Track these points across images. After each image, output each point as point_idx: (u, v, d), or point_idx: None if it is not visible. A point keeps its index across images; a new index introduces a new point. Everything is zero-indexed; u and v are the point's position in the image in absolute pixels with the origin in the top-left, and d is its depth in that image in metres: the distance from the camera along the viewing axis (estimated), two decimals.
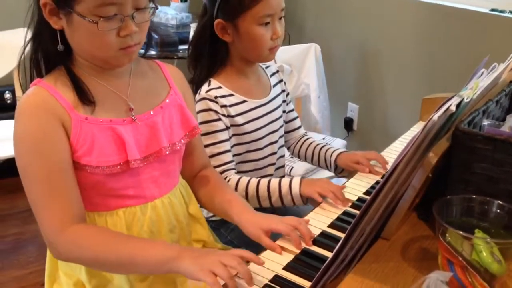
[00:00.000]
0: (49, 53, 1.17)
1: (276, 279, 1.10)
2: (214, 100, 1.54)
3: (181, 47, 2.98)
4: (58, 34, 1.14)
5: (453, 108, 0.98)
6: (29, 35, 1.19)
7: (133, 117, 1.21)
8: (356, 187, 1.52)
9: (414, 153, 0.99)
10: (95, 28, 1.07)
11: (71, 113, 1.13)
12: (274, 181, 1.49)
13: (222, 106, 1.55)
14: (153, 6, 1.16)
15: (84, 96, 1.15)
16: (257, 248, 1.23)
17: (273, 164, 1.70)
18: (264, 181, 1.49)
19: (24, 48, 1.20)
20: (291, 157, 2.41)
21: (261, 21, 1.51)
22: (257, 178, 1.51)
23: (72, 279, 1.27)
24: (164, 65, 1.35)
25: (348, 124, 3.37)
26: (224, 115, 1.55)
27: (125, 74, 1.24)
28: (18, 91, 2.63)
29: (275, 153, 1.70)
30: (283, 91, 1.77)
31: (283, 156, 1.77)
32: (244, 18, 1.51)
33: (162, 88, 1.30)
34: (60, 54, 1.16)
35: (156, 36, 2.84)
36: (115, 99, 1.20)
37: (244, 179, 1.51)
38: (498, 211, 1.01)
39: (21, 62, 1.22)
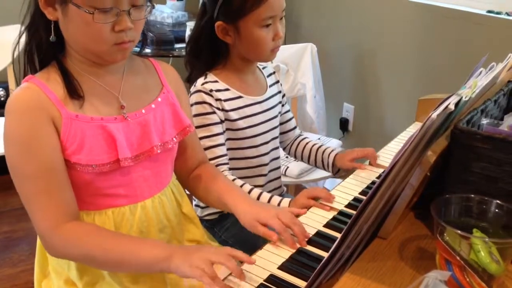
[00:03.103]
0: (42, 45, 1.16)
1: (271, 278, 1.09)
2: (209, 93, 1.53)
3: (177, 45, 2.97)
4: (52, 26, 1.13)
5: (452, 106, 0.97)
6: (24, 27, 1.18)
7: (124, 115, 1.19)
8: (352, 187, 1.51)
9: (412, 152, 0.98)
10: (91, 19, 1.06)
11: (61, 110, 1.12)
12: (265, 196, 1.47)
13: (217, 100, 1.54)
14: (150, 5, 1.15)
15: (73, 90, 1.14)
16: (252, 247, 1.23)
17: (266, 164, 1.69)
18: (255, 192, 1.47)
19: (19, 39, 1.19)
20: (286, 157, 2.40)
21: (263, 23, 1.50)
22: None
23: (62, 277, 1.26)
24: (158, 63, 1.34)
25: (344, 124, 3.36)
26: (218, 109, 1.55)
27: (118, 71, 1.23)
28: (12, 88, 2.62)
29: (267, 153, 1.69)
30: (279, 92, 1.76)
31: (277, 158, 1.76)
32: (245, 21, 1.50)
33: (155, 86, 1.29)
34: (53, 47, 1.16)
35: (151, 34, 2.83)
36: (107, 96, 1.19)
37: (238, 182, 1.49)
38: (497, 210, 1.00)
39: (16, 56, 1.21)
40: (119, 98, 1.20)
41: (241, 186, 1.48)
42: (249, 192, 1.47)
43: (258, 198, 1.46)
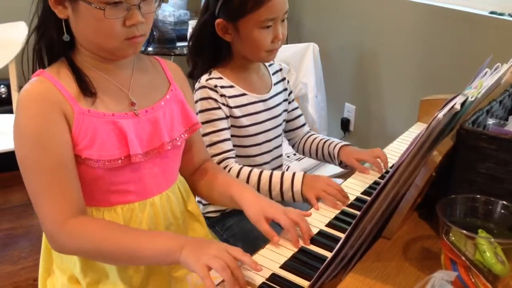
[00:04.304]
0: (53, 44, 1.16)
1: (273, 277, 1.09)
2: (213, 88, 1.53)
3: (179, 44, 2.97)
4: (64, 24, 1.13)
5: (458, 106, 0.97)
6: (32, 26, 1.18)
7: (135, 112, 1.19)
8: (354, 186, 1.51)
9: (418, 152, 0.98)
10: (102, 15, 1.06)
11: (73, 105, 1.12)
12: (276, 175, 1.47)
13: (221, 96, 1.54)
14: None
15: (86, 88, 1.14)
16: (253, 246, 1.22)
17: (268, 162, 1.69)
18: (266, 173, 1.48)
19: (28, 38, 1.19)
20: (288, 156, 2.40)
21: (262, 24, 1.49)
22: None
23: (66, 274, 1.25)
24: (164, 61, 1.35)
25: (345, 124, 3.36)
26: (223, 104, 1.54)
27: (128, 68, 1.23)
28: (14, 85, 2.61)
29: (270, 151, 1.69)
30: (285, 89, 1.76)
31: (280, 156, 1.76)
32: (245, 21, 1.49)
33: (163, 83, 1.30)
34: (63, 45, 1.16)
35: (154, 32, 2.82)
36: (117, 92, 1.19)
37: (246, 169, 1.49)
38: (502, 211, 1.00)
39: (23, 53, 1.20)
40: (129, 95, 1.20)
41: (250, 172, 1.48)
42: (260, 174, 1.47)
43: (270, 178, 1.46)
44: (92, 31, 1.11)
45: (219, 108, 1.53)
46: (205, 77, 1.56)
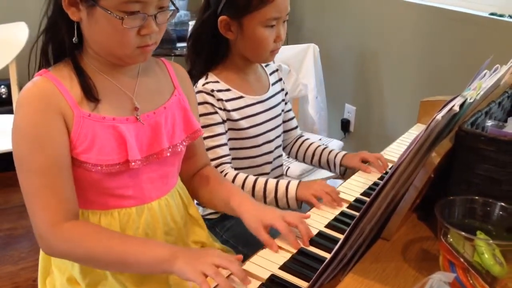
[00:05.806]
0: (62, 45, 1.15)
1: (272, 278, 1.09)
2: (210, 93, 1.53)
3: (179, 44, 2.97)
4: (76, 27, 1.12)
5: (456, 108, 0.97)
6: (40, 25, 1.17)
7: (137, 117, 1.19)
8: (354, 187, 1.51)
9: (416, 153, 0.98)
10: (119, 24, 1.06)
11: (74, 109, 1.11)
12: (272, 182, 1.47)
13: (218, 100, 1.54)
14: (174, 8, 1.15)
15: (89, 92, 1.13)
16: (253, 247, 1.23)
17: (270, 162, 1.69)
18: (261, 180, 1.48)
19: (37, 39, 1.18)
20: (288, 157, 2.40)
21: (267, 23, 1.50)
22: (254, 176, 1.50)
23: (65, 275, 1.25)
24: (170, 64, 1.33)
25: (345, 125, 3.36)
26: (220, 109, 1.55)
27: (134, 72, 1.22)
28: (14, 86, 2.61)
29: (271, 151, 1.69)
30: (282, 89, 1.76)
31: (280, 156, 1.76)
32: (250, 18, 1.49)
33: (167, 88, 1.29)
34: (72, 47, 1.15)
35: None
36: (121, 96, 1.19)
37: (242, 175, 1.49)
38: (501, 213, 1.00)
39: (30, 52, 1.19)
40: (133, 100, 1.20)
41: (245, 178, 1.48)
42: (255, 181, 1.48)
43: (265, 184, 1.46)
44: (106, 37, 1.11)
45: (216, 112, 1.53)
46: (201, 81, 1.56)
